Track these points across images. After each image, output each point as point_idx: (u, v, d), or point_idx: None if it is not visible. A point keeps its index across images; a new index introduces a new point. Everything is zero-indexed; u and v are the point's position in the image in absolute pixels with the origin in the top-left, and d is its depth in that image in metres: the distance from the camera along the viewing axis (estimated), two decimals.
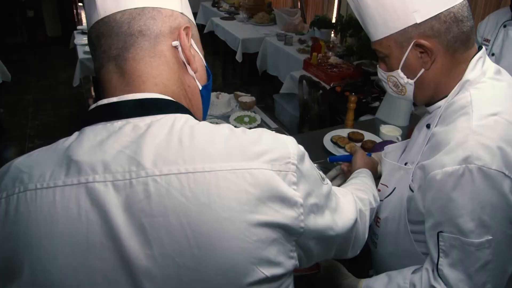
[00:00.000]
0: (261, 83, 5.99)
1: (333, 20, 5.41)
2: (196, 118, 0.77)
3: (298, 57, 4.69)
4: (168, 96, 0.76)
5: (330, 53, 4.67)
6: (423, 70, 1.08)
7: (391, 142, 2.05)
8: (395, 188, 1.19)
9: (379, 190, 1.27)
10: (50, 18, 7.86)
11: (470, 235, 0.95)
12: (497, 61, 2.51)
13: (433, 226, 1.02)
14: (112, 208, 0.65)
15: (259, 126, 2.86)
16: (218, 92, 3.21)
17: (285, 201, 0.70)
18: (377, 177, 1.39)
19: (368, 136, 2.36)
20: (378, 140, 2.32)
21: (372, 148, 2.07)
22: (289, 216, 0.70)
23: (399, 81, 1.13)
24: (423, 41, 1.04)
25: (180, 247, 0.65)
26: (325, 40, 4.99)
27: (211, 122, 2.43)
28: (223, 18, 6.39)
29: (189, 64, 0.83)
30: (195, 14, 6.88)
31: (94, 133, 0.72)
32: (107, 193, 0.66)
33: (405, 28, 1.05)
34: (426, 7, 1.02)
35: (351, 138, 2.34)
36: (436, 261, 1.02)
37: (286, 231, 0.71)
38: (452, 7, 1.02)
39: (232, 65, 6.90)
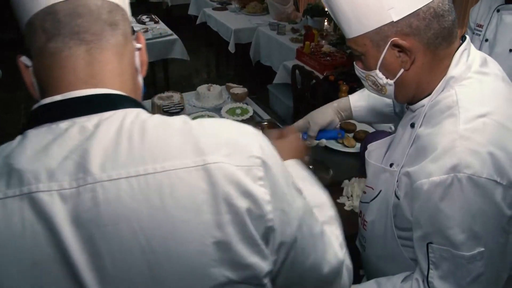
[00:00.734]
0: (255, 74, 5.95)
1: (326, 8, 5.34)
2: None
3: (291, 46, 4.64)
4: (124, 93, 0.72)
5: (323, 41, 4.62)
6: (402, 70, 1.01)
7: (383, 132, 2.02)
8: (381, 190, 1.14)
9: (364, 192, 1.23)
10: None
11: (461, 247, 0.90)
12: (491, 47, 2.46)
13: (422, 237, 0.97)
14: (58, 219, 0.60)
15: (251, 118, 2.83)
16: (209, 84, 3.17)
17: (249, 197, 0.64)
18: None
19: (360, 126, 2.33)
20: (370, 130, 2.29)
21: (364, 138, 2.04)
22: (254, 214, 0.65)
23: (378, 81, 1.06)
24: (400, 41, 0.96)
25: (133, 255, 0.61)
26: (318, 28, 4.93)
27: (202, 115, 2.41)
28: (215, 9, 6.32)
29: (141, 67, 0.81)
30: (187, 5, 6.85)
31: (37, 137, 0.65)
32: (53, 204, 0.61)
33: (380, 27, 0.97)
34: (402, 4, 0.94)
35: (343, 128, 2.30)
36: (426, 273, 0.98)
37: None
38: (431, 1, 0.94)
39: (225, 56, 6.85)
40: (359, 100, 1.55)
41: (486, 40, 2.56)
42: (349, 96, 1.58)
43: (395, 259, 1.13)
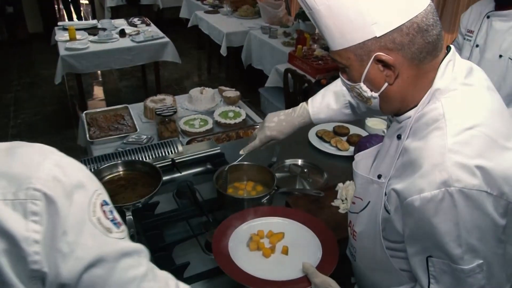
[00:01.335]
0: (246, 77, 5.95)
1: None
2: None
3: (283, 50, 4.66)
4: None
5: (315, 45, 4.64)
6: (386, 84, 0.99)
7: (376, 136, 2.03)
8: (369, 202, 1.13)
9: (353, 203, 1.22)
10: (30, 14, 7.72)
11: (459, 261, 0.90)
12: (481, 53, 2.48)
13: (421, 251, 0.96)
14: None
15: (244, 121, 2.83)
16: (202, 88, 3.17)
17: (5, 236, 0.59)
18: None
19: (353, 129, 2.34)
20: (364, 133, 2.29)
21: (358, 142, 2.05)
22: (14, 255, 0.60)
23: (363, 94, 1.05)
24: (384, 56, 0.95)
25: None
26: (310, 32, 4.95)
27: (195, 118, 2.40)
28: (207, 12, 6.33)
29: None
30: (178, 8, 6.85)
31: None
32: None
33: (364, 41, 0.95)
34: (386, 19, 0.92)
35: (336, 132, 2.31)
36: (427, 287, 0.97)
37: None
38: (415, 16, 0.92)
39: (216, 59, 6.85)
40: (319, 114, 1.63)
41: (477, 46, 2.58)
42: (309, 106, 1.64)
43: (384, 269, 1.12)
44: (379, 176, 1.08)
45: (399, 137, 1.05)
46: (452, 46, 1.04)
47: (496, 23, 2.42)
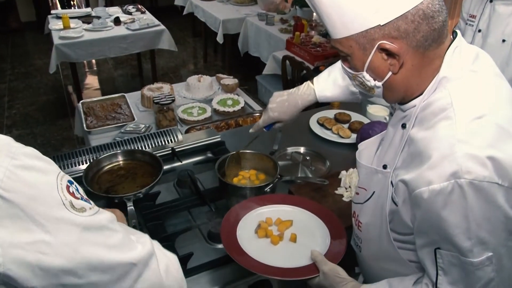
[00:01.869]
0: (243, 65, 5.90)
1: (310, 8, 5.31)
2: None
3: (281, 37, 4.60)
4: None
5: (313, 32, 4.59)
6: (390, 73, 0.96)
7: (379, 123, 2.00)
8: (374, 192, 1.10)
9: (357, 194, 1.19)
10: (22, 2, 7.59)
11: (469, 254, 0.88)
12: (484, 38, 2.45)
13: (429, 243, 0.94)
14: None
15: (243, 109, 2.79)
16: (200, 75, 3.13)
17: None
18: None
19: (355, 117, 2.31)
20: (365, 120, 2.27)
21: (360, 129, 2.02)
22: None
23: (365, 83, 1.01)
24: (388, 45, 0.91)
25: None
26: (308, 19, 4.90)
27: (194, 106, 2.36)
28: None
29: None
30: None
31: None
32: None
33: (366, 30, 0.92)
34: (390, 6, 0.89)
35: (337, 119, 2.28)
36: (434, 279, 0.95)
37: None
38: (420, 3, 0.89)
39: (213, 47, 6.78)
40: (324, 91, 1.58)
41: (479, 31, 2.54)
42: (315, 83, 1.59)
43: (391, 260, 1.10)
44: (385, 167, 1.06)
45: (403, 126, 1.02)
46: (458, 31, 1.00)
47: (500, 7, 2.38)
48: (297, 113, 1.62)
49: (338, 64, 1.59)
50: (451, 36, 0.99)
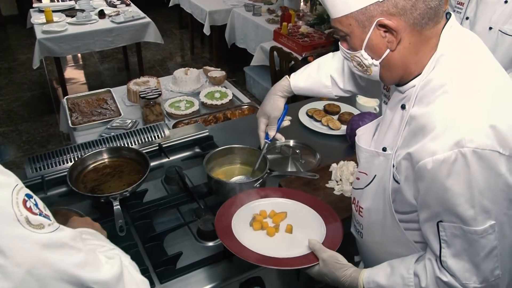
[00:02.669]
0: (231, 56, 5.84)
1: None
2: None
3: (268, 27, 4.56)
4: None
5: (301, 22, 4.56)
6: (388, 50, 0.99)
7: (369, 113, 1.98)
8: (375, 175, 1.11)
9: (357, 179, 1.19)
10: None
11: (472, 223, 0.89)
12: (472, 25, 2.45)
13: (431, 217, 0.96)
14: None
15: (231, 101, 2.75)
16: (187, 68, 3.08)
17: None
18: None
19: (344, 108, 2.29)
20: (355, 111, 2.24)
21: (350, 120, 1.99)
22: None
23: (363, 62, 1.04)
24: (386, 21, 0.94)
25: None
26: (295, 9, 4.86)
27: (181, 100, 2.32)
28: None
29: None
30: None
31: None
32: None
33: (366, 6, 0.94)
34: None
35: (327, 110, 2.25)
36: (438, 252, 0.96)
37: None
38: None
39: (200, 39, 6.71)
40: (298, 82, 1.59)
41: (467, 18, 2.55)
42: (291, 76, 1.61)
43: (397, 243, 1.11)
44: (384, 149, 1.07)
45: (403, 107, 1.04)
46: (452, 13, 1.03)
47: None
48: (281, 103, 1.60)
49: (319, 59, 1.61)
50: (445, 18, 1.01)
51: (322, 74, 1.55)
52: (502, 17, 2.35)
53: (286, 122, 1.64)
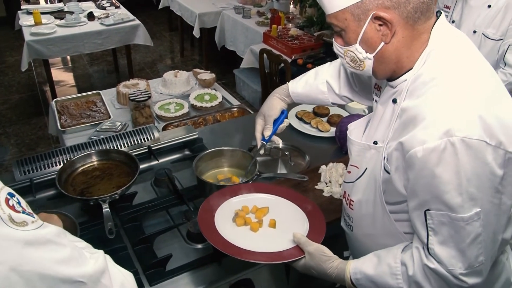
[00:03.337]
0: (221, 59, 5.85)
1: None
2: None
3: (258, 30, 4.57)
4: None
5: (290, 24, 4.57)
6: (382, 43, 1.02)
7: (358, 115, 1.99)
8: (366, 168, 1.14)
9: (349, 172, 1.22)
10: None
11: (459, 210, 0.93)
12: (457, 28, 2.50)
13: (419, 205, 0.99)
14: None
15: (220, 103, 2.76)
16: (176, 71, 3.07)
17: None
18: None
19: (334, 110, 2.30)
20: (344, 113, 2.26)
21: (339, 122, 2.01)
22: None
23: (357, 55, 1.07)
24: (382, 13, 0.97)
25: None
26: (285, 11, 4.88)
27: (171, 102, 2.31)
28: None
29: None
30: None
31: None
32: None
33: (362, 0, 0.98)
34: None
35: (316, 113, 2.27)
36: (425, 240, 1.00)
37: None
38: None
39: (190, 41, 6.71)
40: (296, 88, 1.61)
41: (453, 22, 2.62)
42: (289, 82, 1.63)
43: (387, 234, 1.13)
44: (375, 143, 1.11)
45: (394, 101, 1.08)
46: (442, 11, 1.08)
47: (471, 0, 2.48)
48: (277, 103, 1.61)
49: (317, 67, 1.63)
50: (436, 16, 1.05)
51: (319, 81, 1.58)
52: (486, 21, 2.44)
53: (283, 125, 1.64)
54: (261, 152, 1.63)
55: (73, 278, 0.74)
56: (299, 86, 1.60)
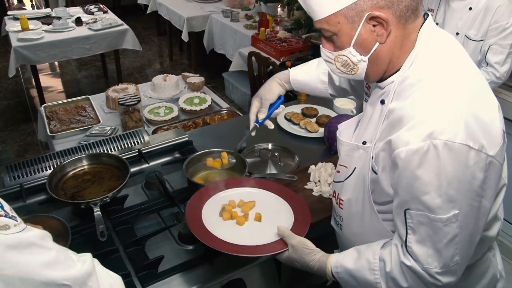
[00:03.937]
0: (210, 62, 5.86)
1: None
2: None
3: (246, 33, 4.59)
4: None
5: (278, 27, 4.60)
6: (377, 44, 1.01)
7: (346, 116, 2.02)
8: (355, 168, 1.15)
9: (338, 172, 1.23)
10: None
11: (438, 211, 0.94)
12: None
13: (400, 204, 1.00)
14: None
15: (210, 107, 2.77)
16: (165, 75, 3.08)
17: None
18: None
19: (322, 110, 2.33)
20: (333, 114, 2.28)
21: (327, 122, 2.03)
22: None
23: (351, 59, 1.05)
24: (378, 13, 0.95)
25: None
26: (273, 14, 4.90)
27: (160, 106, 2.32)
28: None
29: None
30: None
31: None
32: None
33: (356, 1, 0.96)
34: None
35: (305, 114, 2.29)
36: (404, 238, 1.02)
37: None
38: None
39: (178, 46, 6.71)
40: (297, 75, 1.62)
41: (437, 24, 2.66)
42: (291, 68, 1.64)
43: (375, 234, 1.15)
44: (364, 143, 1.11)
45: (382, 102, 1.08)
46: (429, 13, 1.11)
47: (454, 2, 2.58)
48: (275, 87, 1.63)
49: (320, 58, 1.62)
50: (423, 17, 1.06)
51: (320, 70, 1.60)
52: (467, 23, 2.51)
53: (279, 110, 1.65)
54: (253, 134, 1.65)
55: (58, 281, 0.74)
56: (300, 73, 1.61)
